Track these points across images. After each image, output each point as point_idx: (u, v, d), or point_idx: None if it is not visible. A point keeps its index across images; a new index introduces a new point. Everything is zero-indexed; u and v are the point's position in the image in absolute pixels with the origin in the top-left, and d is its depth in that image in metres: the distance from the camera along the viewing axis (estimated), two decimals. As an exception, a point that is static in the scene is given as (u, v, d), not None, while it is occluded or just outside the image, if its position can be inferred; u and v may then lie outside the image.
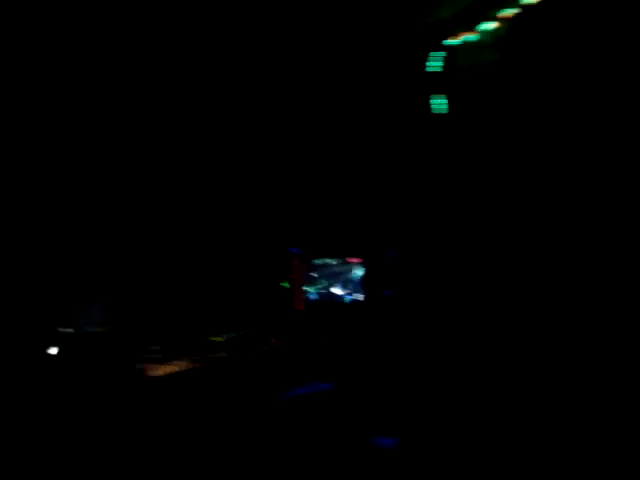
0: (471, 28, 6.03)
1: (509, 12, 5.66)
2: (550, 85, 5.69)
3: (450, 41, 6.29)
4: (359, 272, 6.53)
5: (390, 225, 6.72)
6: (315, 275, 6.62)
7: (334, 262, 6.59)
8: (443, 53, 6.45)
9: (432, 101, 6.56)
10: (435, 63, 6.48)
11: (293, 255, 6.50)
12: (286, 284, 6.46)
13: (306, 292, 6.51)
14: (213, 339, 6.21)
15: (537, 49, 5.71)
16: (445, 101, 6.65)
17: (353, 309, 6.55)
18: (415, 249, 6.38)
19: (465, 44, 6.21)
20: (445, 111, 6.66)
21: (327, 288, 6.65)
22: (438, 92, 6.57)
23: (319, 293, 6.62)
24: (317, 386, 4.92)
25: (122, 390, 4.77)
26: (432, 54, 6.41)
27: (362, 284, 6.49)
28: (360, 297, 6.57)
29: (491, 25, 5.86)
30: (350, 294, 6.60)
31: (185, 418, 5.09)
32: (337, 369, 5.27)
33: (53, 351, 5.25)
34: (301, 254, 6.53)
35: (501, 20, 5.77)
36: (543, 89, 5.76)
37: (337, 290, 6.65)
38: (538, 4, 5.46)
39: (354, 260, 6.60)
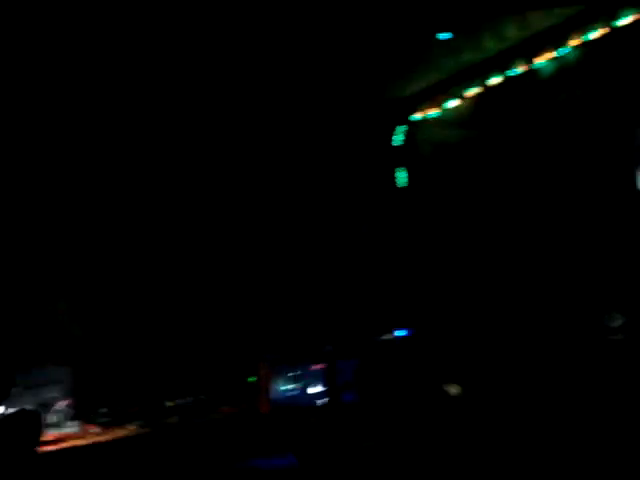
0: (436, 104, 6.30)
1: (473, 91, 5.95)
2: (511, 161, 5.96)
3: (415, 116, 6.55)
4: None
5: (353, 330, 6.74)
6: (291, 374, 6.50)
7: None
8: (405, 127, 6.69)
9: (396, 174, 6.74)
10: (399, 137, 6.70)
11: (260, 360, 6.39)
12: (253, 379, 6.30)
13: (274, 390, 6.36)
14: (166, 404, 5.96)
15: (498, 127, 6.00)
16: (405, 174, 6.84)
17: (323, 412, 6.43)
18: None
19: (429, 120, 6.47)
20: (405, 184, 6.84)
21: (305, 387, 6.51)
22: (401, 165, 6.77)
23: (292, 393, 6.46)
24: (275, 460, 4.74)
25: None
26: (398, 128, 6.64)
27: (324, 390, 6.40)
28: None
29: (455, 102, 6.15)
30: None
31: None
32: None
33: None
34: (269, 359, 6.44)
35: (465, 98, 6.06)
36: (504, 165, 6.03)
37: (314, 389, 6.50)
38: (500, 85, 5.76)
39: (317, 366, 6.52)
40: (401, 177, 6.83)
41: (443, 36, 5.20)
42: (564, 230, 5.65)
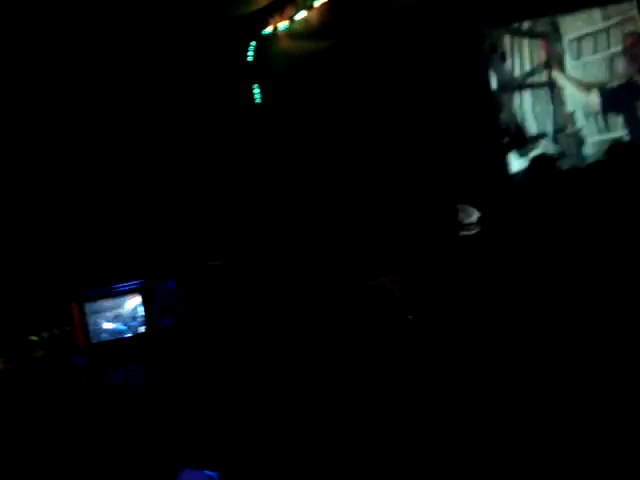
0: (286, 17, 6.29)
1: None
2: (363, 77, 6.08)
3: (266, 31, 6.51)
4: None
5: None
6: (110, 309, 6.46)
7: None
8: (254, 43, 6.64)
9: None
10: (251, 53, 6.64)
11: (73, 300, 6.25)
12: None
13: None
14: (31, 338, 5.75)
15: (348, 37, 6.10)
16: (258, 90, 6.82)
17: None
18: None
19: (279, 33, 6.46)
20: (259, 100, 6.84)
21: (127, 319, 6.50)
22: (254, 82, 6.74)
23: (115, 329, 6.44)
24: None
25: None
26: (251, 44, 6.57)
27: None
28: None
29: (304, 13, 6.17)
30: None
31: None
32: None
33: None
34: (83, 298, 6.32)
35: (313, 9, 6.09)
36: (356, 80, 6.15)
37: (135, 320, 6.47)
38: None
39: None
40: (255, 93, 6.81)
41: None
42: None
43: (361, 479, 2.96)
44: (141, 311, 6.26)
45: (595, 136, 5.19)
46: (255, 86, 6.80)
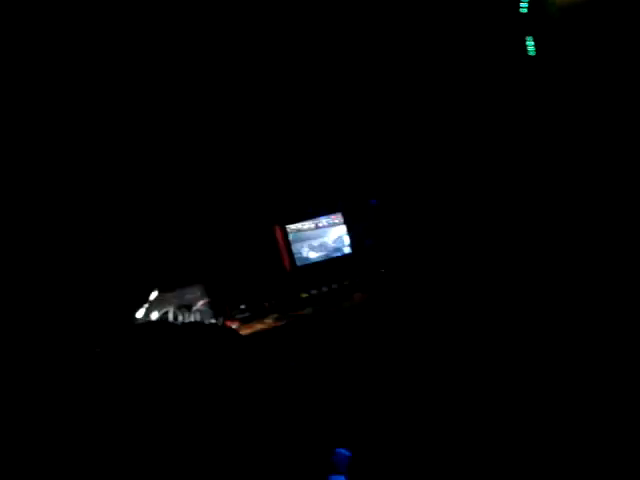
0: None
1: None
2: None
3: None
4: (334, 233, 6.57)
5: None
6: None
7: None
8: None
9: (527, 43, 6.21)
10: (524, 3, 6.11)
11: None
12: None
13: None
14: (301, 295, 6.30)
15: None
16: (532, 43, 6.29)
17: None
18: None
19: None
20: (532, 53, 6.30)
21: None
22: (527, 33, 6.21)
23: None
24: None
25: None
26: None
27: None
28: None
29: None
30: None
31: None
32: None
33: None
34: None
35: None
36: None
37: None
38: None
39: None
40: (530, 45, 6.28)
41: None
42: None
43: None
44: (344, 237, 6.51)
45: None
46: (529, 38, 6.25)
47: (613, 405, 3.55)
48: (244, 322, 5.84)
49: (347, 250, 6.64)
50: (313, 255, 6.55)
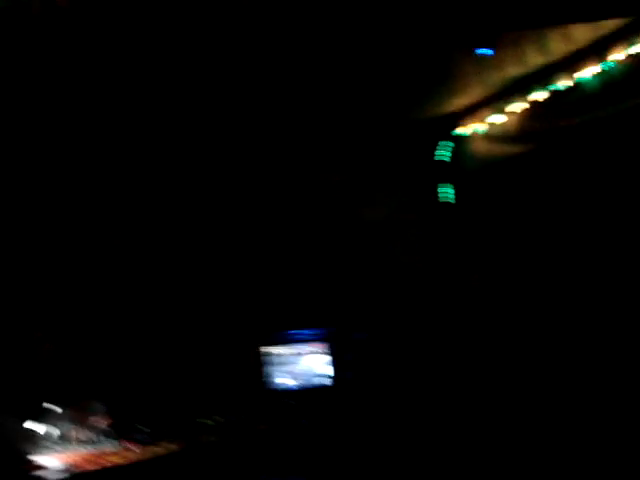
0: (480, 120, 6.11)
1: (517, 107, 5.76)
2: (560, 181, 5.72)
3: (460, 132, 6.38)
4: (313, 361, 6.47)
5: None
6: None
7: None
8: (451, 143, 6.53)
9: (439, 189, 6.58)
10: (444, 152, 6.54)
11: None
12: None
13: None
14: (202, 421, 5.97)
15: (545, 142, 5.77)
16: (452, 190, 6.67)
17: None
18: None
19: (474, 135, 6.29)
20: (452, 200, 6.67)
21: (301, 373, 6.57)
22: (445, 181, 6.60)
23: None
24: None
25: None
26: (441, 143, 6.48)
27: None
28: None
29: (500, 117, 5.95)
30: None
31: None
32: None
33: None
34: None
35: (509, 114, 5.86)
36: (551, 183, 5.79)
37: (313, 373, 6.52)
38: (545, 101, 5.55)
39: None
40: (447, 193, 6.66)
41: (483, 52, 5.02)
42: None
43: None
44: (321, 366, 6.27)
45: None
46: (447, 185, 6.65)
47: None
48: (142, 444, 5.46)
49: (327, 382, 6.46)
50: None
